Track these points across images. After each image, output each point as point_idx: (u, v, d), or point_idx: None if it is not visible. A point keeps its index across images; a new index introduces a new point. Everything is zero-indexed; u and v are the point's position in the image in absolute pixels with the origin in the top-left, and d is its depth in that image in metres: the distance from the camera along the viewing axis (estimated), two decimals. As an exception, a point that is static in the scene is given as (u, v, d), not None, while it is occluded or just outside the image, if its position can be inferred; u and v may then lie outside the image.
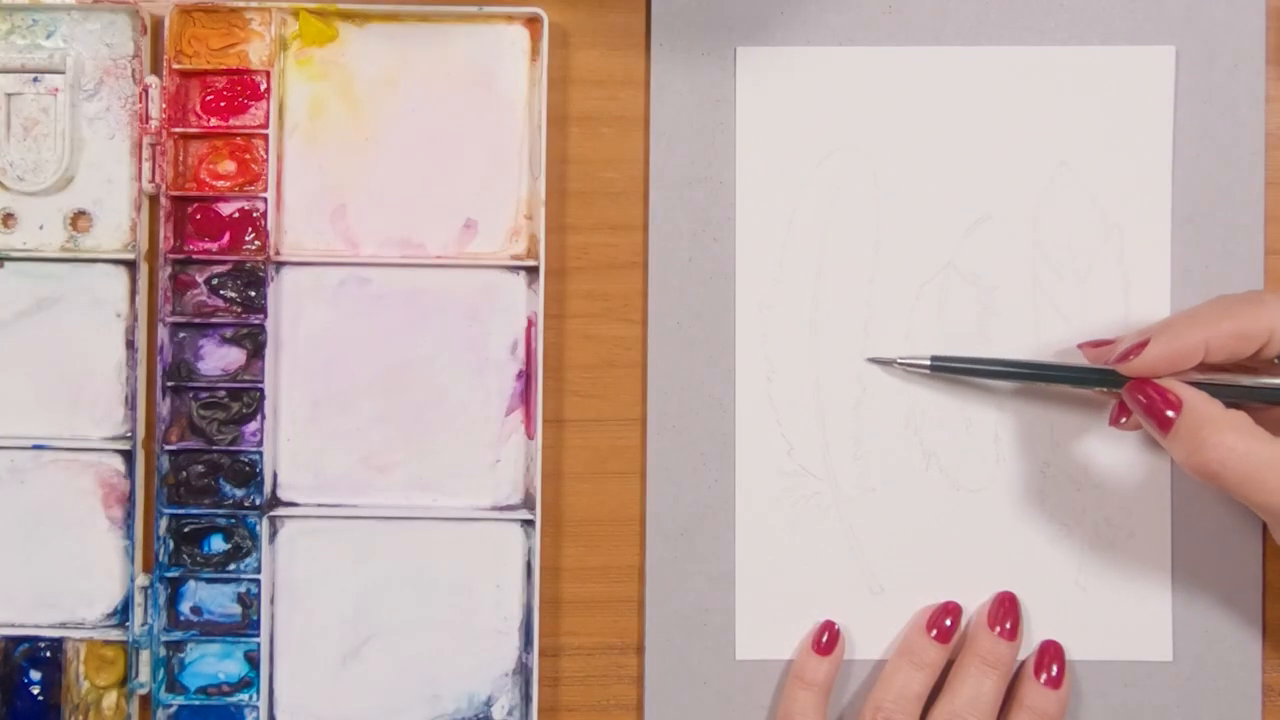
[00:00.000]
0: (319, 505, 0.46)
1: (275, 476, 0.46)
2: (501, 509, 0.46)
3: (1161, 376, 0.41)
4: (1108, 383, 0.43)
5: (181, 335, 0.46)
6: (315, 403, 0.46)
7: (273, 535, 0.46)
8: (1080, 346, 0.45)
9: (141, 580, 0.45)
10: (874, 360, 0.46)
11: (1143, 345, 0.41)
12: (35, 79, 0.45)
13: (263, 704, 0.45)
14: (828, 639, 0.45)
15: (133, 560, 0.45)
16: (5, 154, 0.46)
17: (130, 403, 0.46)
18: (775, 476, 0.46)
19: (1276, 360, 0.41)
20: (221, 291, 0.46)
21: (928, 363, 0.45)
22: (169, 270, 0.45)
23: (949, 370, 0.45)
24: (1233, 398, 0.41)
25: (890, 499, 0.46)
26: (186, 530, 0.46)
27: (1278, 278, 0.46)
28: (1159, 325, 0.41)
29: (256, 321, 0.46)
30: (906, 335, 0.46)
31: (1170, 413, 0.40)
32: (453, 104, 0.46)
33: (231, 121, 0.46)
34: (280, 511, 0.46)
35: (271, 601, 0.46)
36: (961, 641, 0.45)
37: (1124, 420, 0.43)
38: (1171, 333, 0.41)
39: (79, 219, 0.46)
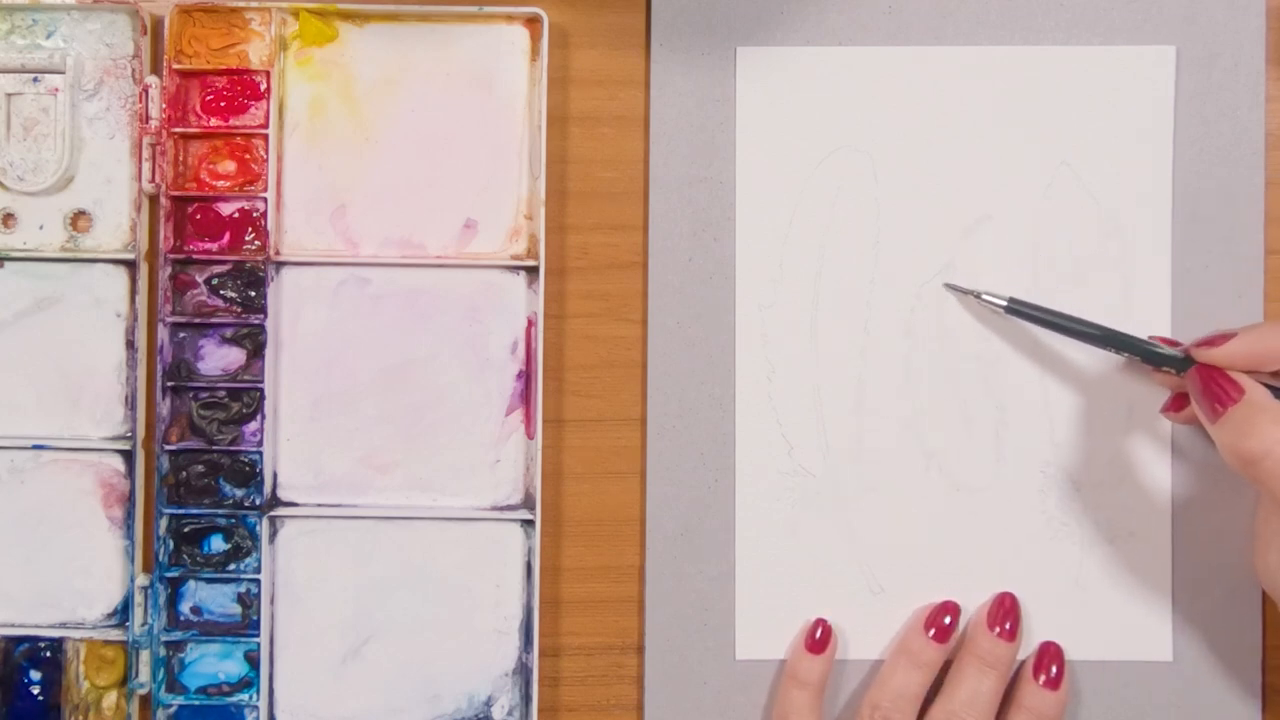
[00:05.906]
0: (319, 505, 0.46)
1: (275, 476, 0.46)
2: (501, 509, 0.46)
3: (1234, 371, 0.41)
4: (1176, 364, 0.43)
5: (181, 335, 0.46)
6: (315, 403, 0.46)
7: (273, 535, 0.46)
8: (1151, 338, 0.44)
9: (141, 580, 0.45)
10: (951, 287, 0.46)
11: (1227, 337, 0.41)
12: (35, 79, 0.45)
13: (263, 704, 0.45)
14: (820, 635, 0.45)
15: (133, 560, 0.45)
16: (5, 154, 0.46)
17: (130, 403, 0.46)
18: (775, 476, 0.46)
19: None
20: (221, 291, 0.46)
21: (1004, 303, 0.45)
22: (169, 270, 0.45)
23: (1023, 315, 0.45)
24: None
25: (890, 499, 0.46)
26: (186, 530, 0.46)
27: (1278, 278, 0.46)
28: (1249, 325, 0.42)
29: (256, 321, 0.46)
30: (906, 335, 0.46)
31: (1227, 397, 0.40)
32: (453, 104, 0.46)
33: (231, 121, 0.46)
34: (280, 511, 0.46)
35: (271, 601, 0.46)
36: (960, 641, 0.45)
37: (1176, 412, 0.44)
38: (1258, 334, 0.41)
39: (79, 219, 0.46)
